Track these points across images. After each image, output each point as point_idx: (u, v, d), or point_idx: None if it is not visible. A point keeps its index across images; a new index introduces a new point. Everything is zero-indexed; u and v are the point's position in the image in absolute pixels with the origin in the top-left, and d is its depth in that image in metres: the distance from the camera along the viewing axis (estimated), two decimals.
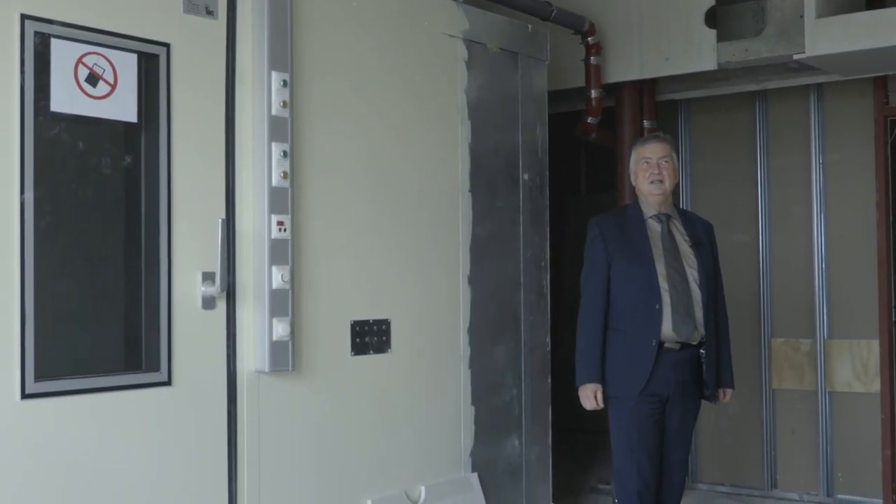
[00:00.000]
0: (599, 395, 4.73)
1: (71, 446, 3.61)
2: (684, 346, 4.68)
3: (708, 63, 6.34)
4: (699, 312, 4.69)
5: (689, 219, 4.95)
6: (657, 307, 4.63)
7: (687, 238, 4.80)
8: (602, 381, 4.75)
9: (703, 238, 4.86)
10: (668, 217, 4.82)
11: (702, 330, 4.69)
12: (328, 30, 4.56)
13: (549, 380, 5.82)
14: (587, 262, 4.86)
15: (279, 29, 4.24)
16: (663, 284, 4.66)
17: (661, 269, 4.69)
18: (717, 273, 4.91)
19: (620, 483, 4.78)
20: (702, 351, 4.72)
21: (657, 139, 4.89)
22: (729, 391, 4.92)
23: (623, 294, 4.74)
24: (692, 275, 4.71)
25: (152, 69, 3.90)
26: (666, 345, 4.65)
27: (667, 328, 4.63)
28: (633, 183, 4.91)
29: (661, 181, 4.76)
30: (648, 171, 4.78)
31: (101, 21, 3.74)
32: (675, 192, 4.92)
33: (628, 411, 4.70)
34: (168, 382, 3.91)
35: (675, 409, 4.73)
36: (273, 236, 4.18)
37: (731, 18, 6.71)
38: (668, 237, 4.76)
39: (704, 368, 4.73)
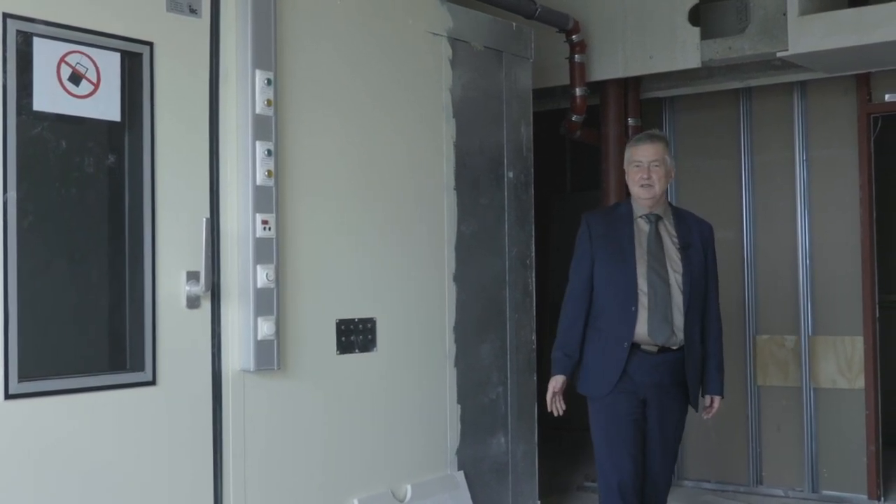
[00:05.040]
0: (558, 388, 4.65)
1: (55, 447, 3.60)
2: (663, 349, 4.61)
3: (692, 61, 6.37)
4: (678, 317, 4.59)
5: (683, 219, 4.81)
6: (633, 309, 4.56)
7: (676, 240, 4.69)
8: (581, 377, 4.73)
9: (696, 241, 4.73)
10: (658, 218, 4.71)
11: (680, 335, 4.60)
12: (312, 28, 4.56)
13: (535, 378, 5.83)
14: (575, 256, 4.81)
15: (263, 27, 4.24)
16: (642, 286, 4.58)
17: (642, 270, 4.60)
18: (712, 276, 4.80)
19: (602, 479, 4.74)
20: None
21: (650, 140, 4.73)
22: (717, 398, 4.80)
23: (603, 293, 4.68)
24: (675, 278, 4.61)
25: (135, 68, 3.89)
26: (643, 347, 4.58)
27: (641, 331, 4.56)
28: (627, 181, 4.85)
29: (650, 186, 4.65)
30: (638, 174, 4.67)
31: (84, 20, 3.72)
32: (665, 190, 4.86)
33: (605, 409, 4.65)
34: (153, 382, 3.90)
35: (653, 413, 4.65)
36: (258, 235, 4.18)
37: (715, 16, 6.73)
38: (656, 238, 4.67)
39: (686, 375, 4.66)
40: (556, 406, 4.70)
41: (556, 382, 4.70)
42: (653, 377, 4.60)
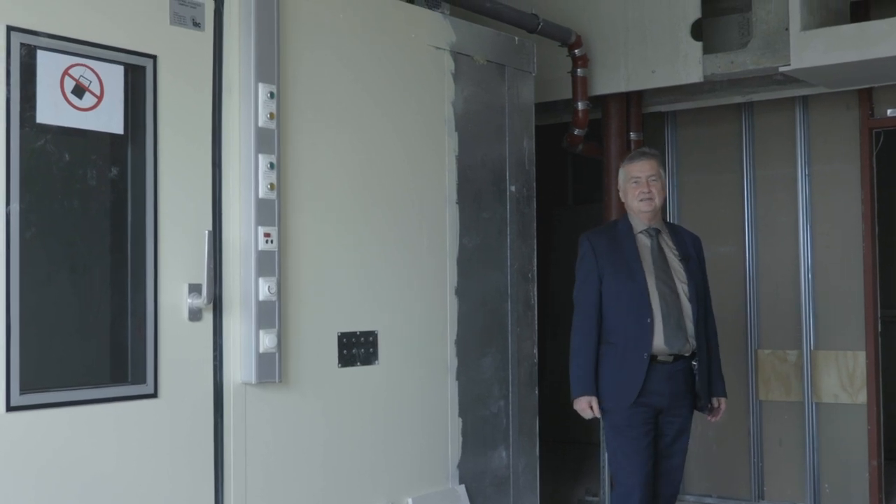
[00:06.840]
0: (595, 406, 4.77)
1: (57, 459, 3.60)
2: (677, 357, 4.72)
3: (694, 75, 6.38)
4: (690, 325, 4.73)
5: (677, 232, 4.99)
6: (648, 321, 4.67)
7: (676, 252, 4.85)
8: (596, 393, 4.77)
9: (692, 252, 4.91)
10: (658, 232, 4.86)
11: (693, 342, 4.73)
12: (315, 41, 4.57)
13: (537, 391, 5.82)
14: (579, 277, 4.90)
15: (266, 41, 4.25)
16: (654, 299, 4.70)
17: (651, 283, 4.73)
18: (705, 285, 4.94)
19: (618, 489, 4.80)
20: (694, 363, 4.74)
21: (645, 156, 4.90)
22: (723, 400, 4.95)
23: (614, 309, 4.78)
24: (682, 289, 4.76)
25: (139, 81, 3.90)
26: (659, 358, 4.69)
27: (658, 342, 4.67)
28: (623, 199, 4.95)
29: (650, 199, 4.81)
30: (638, 189, 4.82)
31: (88, 33, 3.74)
32: (663, 204, 4.94)
33: (622, 422, 4.73)
34: (154, 394, 3.89)
35: (671, 420, 4.78)
36: (260, 248, 4.18)
37: (717, 31, 6.75)
38: (658, 252, 4.81)
39: (697, 380, 4.77)
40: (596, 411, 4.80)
41: (587, 402, 4.78)
42: (670, 386, 4.71)
